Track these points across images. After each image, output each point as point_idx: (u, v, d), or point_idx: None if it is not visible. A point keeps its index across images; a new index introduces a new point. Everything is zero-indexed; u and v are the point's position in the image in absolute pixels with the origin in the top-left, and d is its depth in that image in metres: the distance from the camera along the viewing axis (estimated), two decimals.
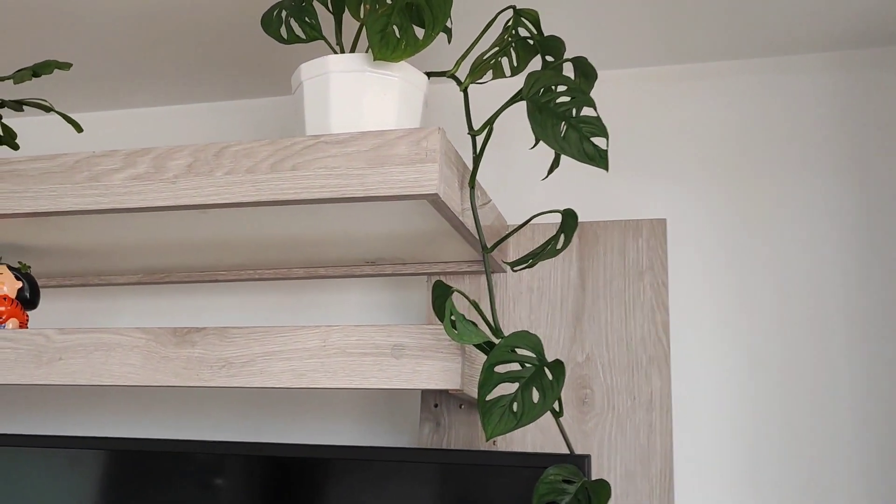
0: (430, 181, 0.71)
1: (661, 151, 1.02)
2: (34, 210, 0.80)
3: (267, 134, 1.24)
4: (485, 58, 0.84)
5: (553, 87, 0.74)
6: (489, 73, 0.86)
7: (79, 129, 0.96)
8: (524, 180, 1.05)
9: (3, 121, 0.98)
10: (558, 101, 0.72)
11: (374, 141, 0.73)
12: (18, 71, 0.83)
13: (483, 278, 0.98)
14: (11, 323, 0.92)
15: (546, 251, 0.75)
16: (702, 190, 1.00)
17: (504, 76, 0.87)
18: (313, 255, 0.99)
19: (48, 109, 0.94)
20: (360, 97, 0.78)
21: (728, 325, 0.95)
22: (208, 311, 1.13)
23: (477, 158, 0.78)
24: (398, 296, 1.07)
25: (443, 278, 0.99)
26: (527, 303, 0.97)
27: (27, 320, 0.95)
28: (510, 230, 0.83)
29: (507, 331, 0.92)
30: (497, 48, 0.84)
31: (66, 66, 0.82)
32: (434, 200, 0.72)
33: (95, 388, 1.14)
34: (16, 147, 0.99)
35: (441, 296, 0.73)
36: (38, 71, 0.81)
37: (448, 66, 0.90)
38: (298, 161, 0.74)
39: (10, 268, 0.95)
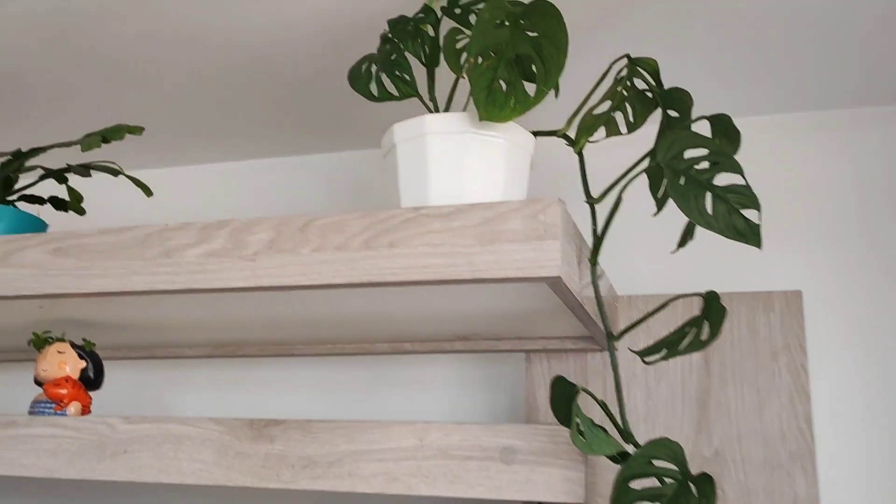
0: (550, 261, 0.60)
1: (792, 211, 0.90)
2: (102, 290, 0.73)
3: (343, 190, 1.16)
4: (596, 113, 0.74)
5: (688, 151, 0.63)
6: (601, 131, 0.76)
7: (148, 192, 0.89)
8: (632, 246, 0.94)
9: (69, 183, 0.92)
10: (699, 166, 0.62)
11: (483, 214, 0.63)
12: (87, 136, 0.76)
13: (589, 356, 0.87)
14: (73, 407, 0.84)
15: (688, 344, 0.64)
16: (842, 256, 0.87)
17: (619, 133, 0.77)
18: (399, 330, 0.90)
19: (117, 173, 0.88)
20: (463, 162, 0.68)
21: (881, 413, 0.82)
22: (282, 387, 1.05)
23: (601, 232, 0.67)
24: (492, 372, 0.97)
25: (544, 356, 0.88)
26: (642, 385, 0.85)
27: (90, 403, 0.87)
28: (642, 314, 0.72)
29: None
30: (610, 102, 0.75)
31: (137, 129, 0.75)
32: (554, 283, 0.62)
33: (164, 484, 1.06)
34: (82, 212, 0.93)
35: (562, 395, 0.62)
36: (107, 137, 0.74)
37: (549, 122, 0.80)
38: (396, 237, 0.65)
39: (73, 345, 0.87)
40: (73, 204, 0.90)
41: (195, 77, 1.00)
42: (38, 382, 0.86)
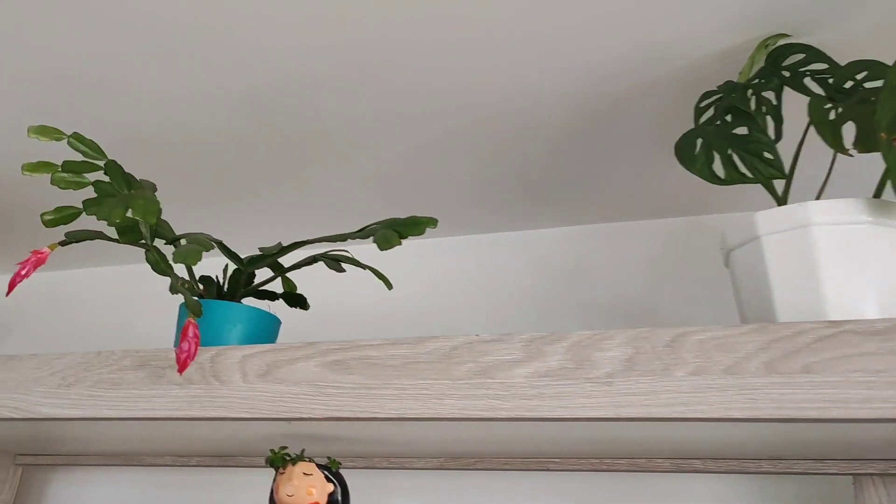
0: None
1: None
2: (402, 414, 0.60)
3: (552, 269, 1.04)
4: None
5: None
6: None
7: (389, 285, 0.77)
8: None
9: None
10: None
11: None
12: (380, 229, 0.64)
13: None
14: None
15: None
16: None
17: None
18: (685, 445, 0.76)
19: (362, 266, 0.76)
20: (866, 260, 0.55)
21: None
22: (534, 501, 0.91)
23: None
24: (803, 497, 0.81)
25: (879, 481, 0.73)
26: None
27: None
28: None
29: None
30: None
31: (432, 222, 0.63)
32: None
33: None
34: (307, 306, 0.82)
35: None
36: (404, 232, 0.62)
37: None
38: (812, 360, 0.51)
39: (318, 466, 0.75)
40: (296, 299, 0.79)
41: (408, 151, 0.89)
42: None
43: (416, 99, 0.80)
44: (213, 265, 1.16)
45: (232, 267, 0.94)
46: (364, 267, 0.75)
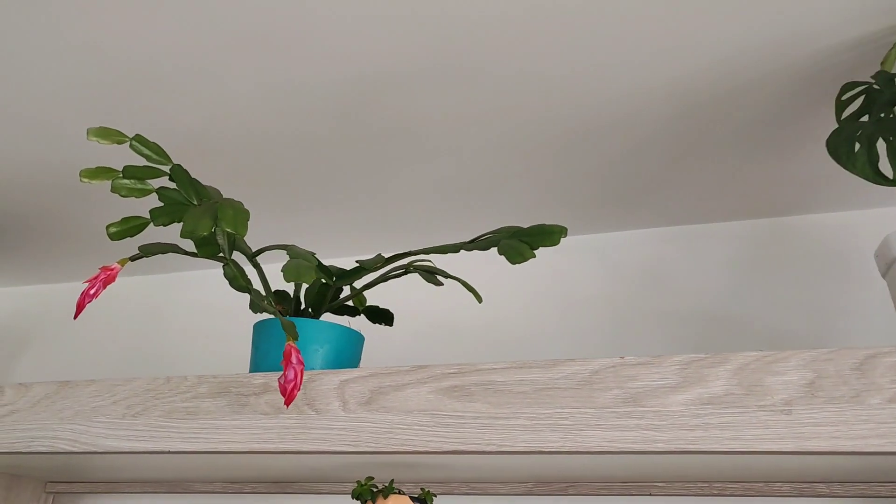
0: None
1: None
2: (535, 448, 0.53)
3: (620, 273, 0.97)
4: None
5: None
6: None
7: (479, 299, 0.70)
8: None
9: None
10: None
11: None
12: (484, 238, 0.57)
13: None
14: None
15: None
16: None
17: None
18: (811, 466, 0.70)
19: (454, 278, 0.69)
20: None
21: None
22: None
23: None
24: None
25: None
26: None
27: None
28: None
29: None
30: None
31: (563, 230, 0.56)
32: None
33: None
34: (392, 322, 0.75)
35: None
36: (534, 243, 0.55)
37: None
38: None
39: (412, 498, 0.68)
40: (387, 314, 0.72)
41: (483, 151, 0.82)
42: None
43: (498, 94, 0.74)
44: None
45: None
46: (455, 279, 0.68)
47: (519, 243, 0.54)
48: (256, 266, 0.69)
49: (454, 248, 0.60)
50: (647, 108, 0.75)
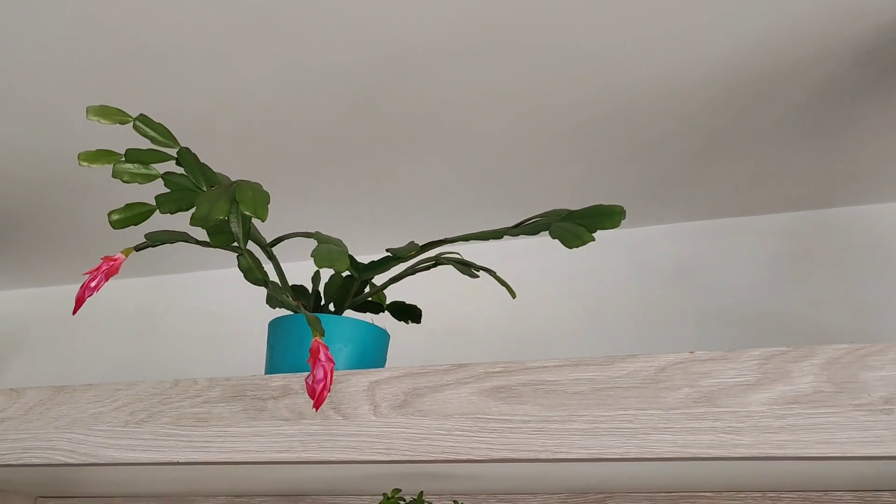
0: None
1: None
2: (595, 454, 0.48)
3: (655, 270, 0.92)
4: None
5: None
6: None
7: (513, 294, 0.65)
8: None
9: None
10: None
11: None
12: (530, 222, 0.52)
13: None
14: None
15: None
16: None
17: None
18: (873, 476, 0.64)
19: (488, 271, 0.64)
20: None
21: None
22: None
23: None
24: None
25: None
26: None
27: None
28: None
29: None
30: None
31: (623, 212, 0.50)
32: None
33: None
34: (419, 319, 0.69)
35: None
36: (592, 225, 0.49)
37: None
38: None
39: None
40: (415, 310, 0.66)
41: (511, 137, 0.77)
42: None
43: (530, 74, 0.68)
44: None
45: (326, 272, 0.81)
46: (487, 271, 0.62)
47: (575, 226, 0.48)
48: (272, 258, 0.63)
49: (496, 234, 0.54)
50: (685, 89, 0.70)
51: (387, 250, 0.58)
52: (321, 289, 0.65)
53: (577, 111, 0.73)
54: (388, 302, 0.68)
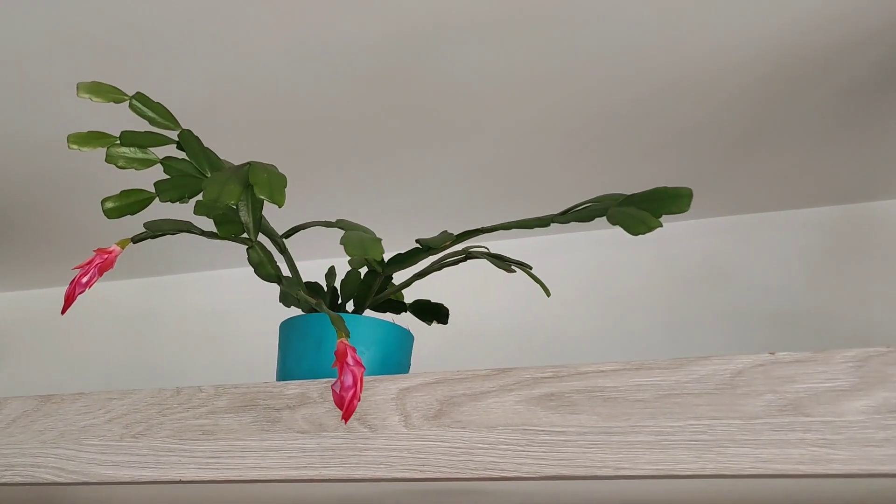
0: None
1: None
2: (663, 470, 0.42)
3: (681, 268, 0.86)
4: None
5: None
6: None
7: (547, 292, 0.59)
8: None
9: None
10: None
11: None
12: (581, 208, 0.45)
13: None
14: None
15: None
16: None
17: None
18: None
19: (524, 266, 0.58)
20: None
21: None
22: None
23: None
24: None
25: None
26: None
27: None
28: None
29: None
30: None
31: (690, 193, 0.44)
32: None
33: None
34: (446, 319, 0.63)
35: None
36: (659, 210, 0.43)
37: None
38: None
39: None
40: (441, 309, 0.60)
41: (537, 125, 0.71)
42: None
43: (570, 50, 0.63)
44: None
45: (343, 267, 0.74)
46: (523, 267, 0.56)
47: (638, 210, 0.42)
48: (284, 251, 0.57)
49: (542, 222, 0.48)
50: (730, 69, 0.64)
51: (417, 241, 0.52)
52: (337, 285, 0.59)
53: (611, 92, 0.67)
54: (404, 301, 0.62)
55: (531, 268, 0.56)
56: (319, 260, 0.99)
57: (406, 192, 0.83)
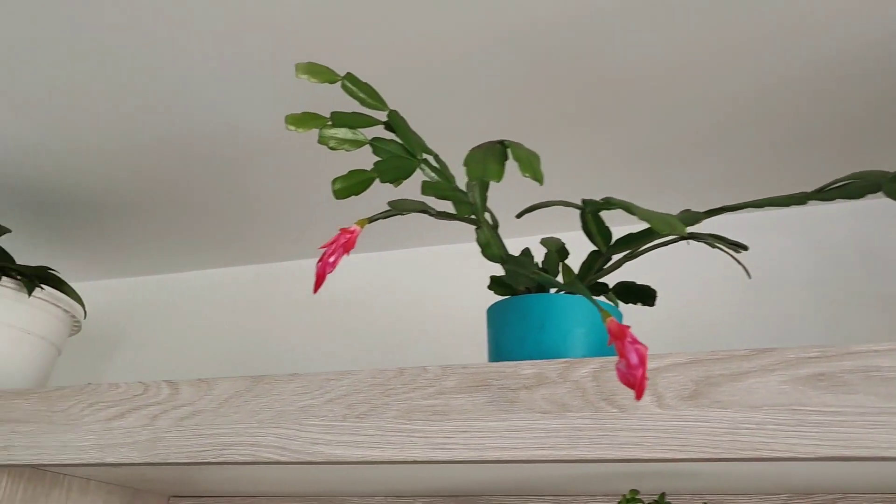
0: None
1: None
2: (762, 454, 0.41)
3: (837, 254, 0.84)
4: None
5: None
6: None
7: (748, 275, 0.58)
8: None
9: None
10: None
11: None
12: (840, 185, 0.45)
13: None
14: None
15: None
16: None
17: None
18: None
19: (733, 245, 0.57)
20: None
21: None
22: None
23: None
24: None
25: None
26: None
27: None
28: None
29: None
30: None
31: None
32: None
33: None
34: (653, 301, 0.62)
35: None
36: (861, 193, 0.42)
37: None
38: None
39: None
40: (648, 291, 0.59)
41: (697, 106, 0.70)
42: None
43: (754, 31, 0.61)
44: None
45: (535, 245, 0.74)
46: (739, 248, 0.55)
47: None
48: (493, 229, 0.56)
49: (799, 199, 0.47)
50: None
51: (677, 216, 0.52)
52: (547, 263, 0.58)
53: (790, 67, 0.66)
54: (619, 281, 0.61)
55: (725, 245, 0.55)
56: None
57: (574, 174, 0.82)
